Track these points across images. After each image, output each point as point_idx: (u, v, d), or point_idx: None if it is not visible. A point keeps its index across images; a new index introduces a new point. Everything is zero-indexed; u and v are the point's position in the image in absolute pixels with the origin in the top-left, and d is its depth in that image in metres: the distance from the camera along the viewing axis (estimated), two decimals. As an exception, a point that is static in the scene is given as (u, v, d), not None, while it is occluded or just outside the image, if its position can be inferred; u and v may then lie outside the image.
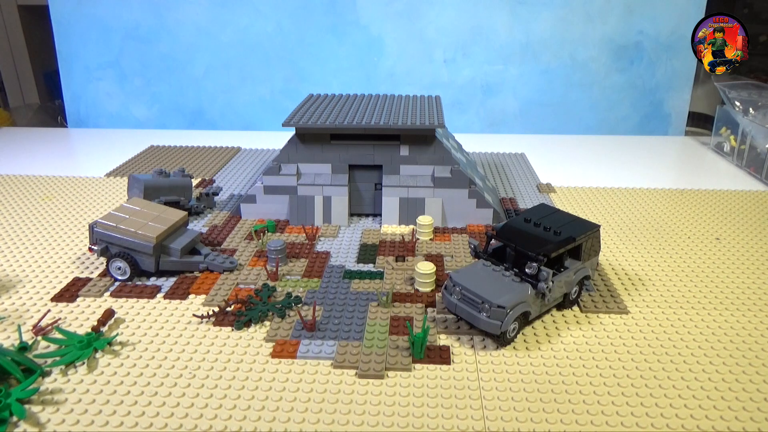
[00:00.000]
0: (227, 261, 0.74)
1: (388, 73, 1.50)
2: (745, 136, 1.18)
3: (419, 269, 0.69)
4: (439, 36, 1.46)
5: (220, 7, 1.46)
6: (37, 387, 0.53)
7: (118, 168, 1.15)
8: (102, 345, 0.58)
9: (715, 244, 0.83)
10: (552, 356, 0.58)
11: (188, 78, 1.52)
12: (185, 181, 0.91)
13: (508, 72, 1.49)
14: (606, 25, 1.43)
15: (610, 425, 0.50)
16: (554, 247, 0.62)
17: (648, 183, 1.09)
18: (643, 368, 0.57)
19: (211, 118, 1.56)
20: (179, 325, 0.63)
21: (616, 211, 0.95)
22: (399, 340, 0.60)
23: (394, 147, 0.87)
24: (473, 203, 0.87)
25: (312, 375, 0.55)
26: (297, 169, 0.88)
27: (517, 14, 1.43)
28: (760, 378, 0.56)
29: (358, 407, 0.51)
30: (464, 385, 0.54)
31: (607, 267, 0.77)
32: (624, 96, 1.50)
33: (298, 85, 1.51)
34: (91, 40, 1.50)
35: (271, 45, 1.48)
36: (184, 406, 0.51)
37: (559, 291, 0.64)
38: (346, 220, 0.89)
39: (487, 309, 0.58)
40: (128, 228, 0.70)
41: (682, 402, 0.52)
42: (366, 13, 1.45)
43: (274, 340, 0.60)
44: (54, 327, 0.61)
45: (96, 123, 1.57)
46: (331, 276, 0.73)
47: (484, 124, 1.53)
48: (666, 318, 0.65)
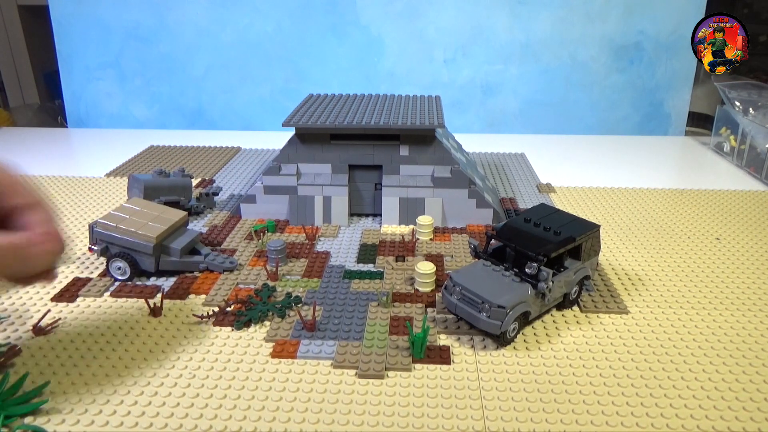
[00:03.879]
0: (227, 261, 0.74)
1: (388, 73, 1.50)
2: (745, 136, 1.18)
3: (419, 269, 0.69)
4: (439, 36, 1.46)
5: (220, 7, 1.46)
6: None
7: (118, 168, 1.15)
8: (16, 412, 0.49)
9: (715, 244, 0.83)
10: (552, 356, 0.58)
11: (188, 78, 1.52)
12: (185, 181, 0.91)
13: (508, 72, 1.49)
14: (606, 25, 1.43)
15: (610, 425, 0.50)
16: (554, 247, 0.62)
17: (648, 183, 1.09)
18: (643, 368, 0.57)
19: (211, 118, 1.56)
20: (179, 325, 0.63)
21: (616, 211, 0.95)
22: (399, 340, 0.60)
23: (394, 147, 0.87)
24: (473, 203, 0.87)
25: (312, 375, 0.55)
26: (297, 169, 0.88)
27: (517, 14, 1.43)
28: (760, 378, 0.56)
29: (358, 407, 0.51)
30: (464, 385, 0.54)
31: (607, 267, 0.77)
32: (624, 96, 1.50)
33: (298, 85, 1.51)
34: (91, 40, 1.50)
35: (271, 45, 1.48)
36: (183, 405, 0.51)
37: (559, 291, 0.64)
38: (346, 220, 0.89)
39: (487, 309, 0.58)
40: (128, 228, 0.70)
41: (682, 402, 0.52)
42: (366, 13, 1.45)
43: (274, 340, 0.60)
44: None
45: (96, 123, 1.57)
46: (331, 276, 0.73)
47: (484, 124, 1.53)
48: (666, 318, 0.65)
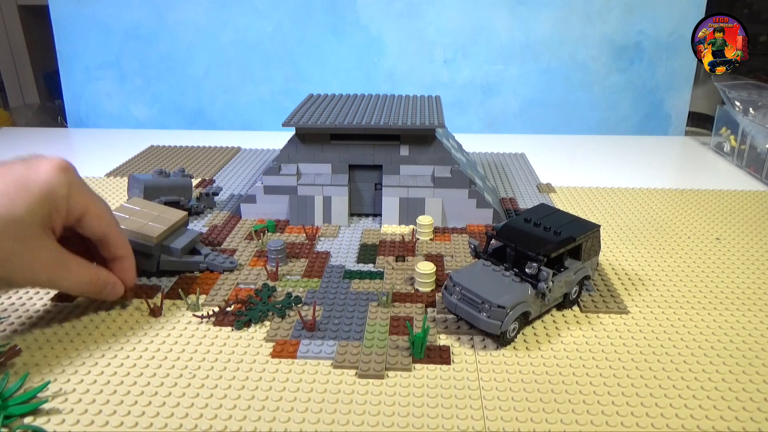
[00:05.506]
0: (227, 261, 0.74)
1: (388, 73, 1.50)
2: (745, 136, 1.18)
3: (419, 269, 0.69)
4: (439, 36, 1.46)
5: (220, 7, 1.46)
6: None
7: (118, 168, 1.15)
8: (16, 412, 0.50)
9: (715, 244, 0.83)
10: (552, 356, 0.58)
11: (188, 78, 1.52)
12: (185, 181, 0.91)
13: (508, 72, 1.49)
14: (606, 25, 1.43)
15: (610, 425, 0.50)
16: (554, 247, 0.62)
17: (648, 183, 1.09)
18: (643, 368, 0.57)
19: (211, 118, 1.56)
20: (179, 325, 0.63)
21: (616, 211, 0.95)
22: (399, 340, 0.60)
23: (394, 147, 0.87)
24: (473, 203, 0.87)
25: (312, 375, 0.55)
26: (297, 169, 0.88)
27: (517, 14, 1.43)
28: (760, 378, 0.56)
29: (358, 407, 0.51)
30: (464, 385, 0.54)
31: (607, 267, 0.77)
32: (624, 96, 1.50)
33: (298, 85, 1.51)
34: (91, 40, 1.50)
35: (271, 45, 1.48)
36: (184, 406, 0.51)
37: (559, 291, 0.64)
38: (346, 220, 0.89)
39: (487, 309, 0.58)
40: (128, 228, 0.70)
41: (682, 402, 0.52)
42: (366, 13, 1.45)
43: (274, 340, 0.60)
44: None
45: (96, 123, 1.57)
46: (331, 276, 0.73)
47: (484, 124, 1.53)
48: (666, 318, 0.65)
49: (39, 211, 0.54)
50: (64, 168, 0.57)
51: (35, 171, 0.55)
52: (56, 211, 0.56)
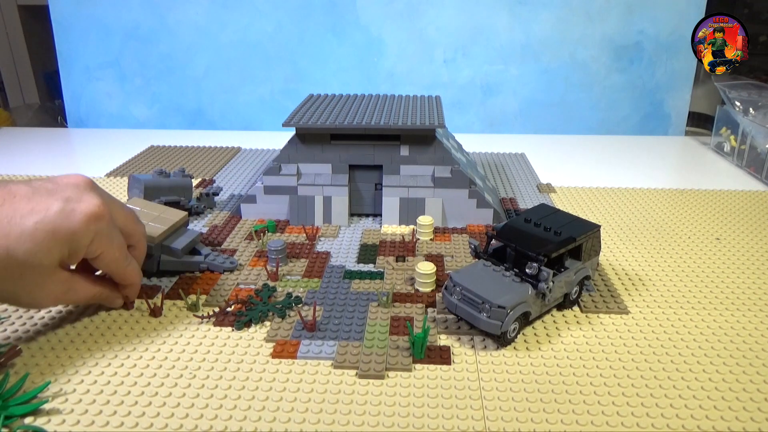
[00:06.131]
0: (227, 261, 0.74)
1: (388, 73, 1.50)
2: (745, 136, 1.18)
3: (419, 269, 0.69)
4: (439, 36, 1.46)
5: (220, 7, 1.46)
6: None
7: (118, 168, 1.15)
8: (16, 412, 0.49)
9: (715, 244, 0.83)
10: (552, 356, 0.58)
11: (188, 78, 1.52)
12: (185, 181, 0.91)
13: (508, 72, 1.49)
14: (606, 25, 1.43)
15: (610, 425, 0.50)
16: (554, 247, 0.62)
17: (648, 183, 1.09)
18: (643, 368, 0.57)
19: (211, 118, 1.56)
20: (180, 326, 0.63)
21: (616, 211, 0.95)
22: (399, 340, 0.60)
23: (394, 147, 0.87)
24: (473, 203, 0.87)
25: (312, 375, 0.55)
26: (297, 169, 0.88)
27: (517, 14, 1.43)
28: (761, 378, 0.56)
29: (359, 407, 0.51)
30: (464, 386, 0.54)
31: (607, 267, 0.77)
32: (624, 96, 1.50)
33: (298, 85, 1.51)
34: (91, 40, 1.50)
35: (271, 45, 1.48)
36: (184, 406, 0.51)
37: (560, 291, 0.64)
38: (346, 220, 0.89)
39: (488, 309, 0.58)
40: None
41: (682, 402, 0.52)
42: (366, 13, 1.45)
43: (274, 341, 0.60)
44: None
45: (96, 123, 1.57)
46: (331, 276, 0.73)
47: (484, 124, 1.53)
48: (666, 318, 0.65)
49: (58, 254, 0.55)
50: (98, 217, 0.56)
51: (69, 219, 0.54)
52: (75, 254, 0.56)
